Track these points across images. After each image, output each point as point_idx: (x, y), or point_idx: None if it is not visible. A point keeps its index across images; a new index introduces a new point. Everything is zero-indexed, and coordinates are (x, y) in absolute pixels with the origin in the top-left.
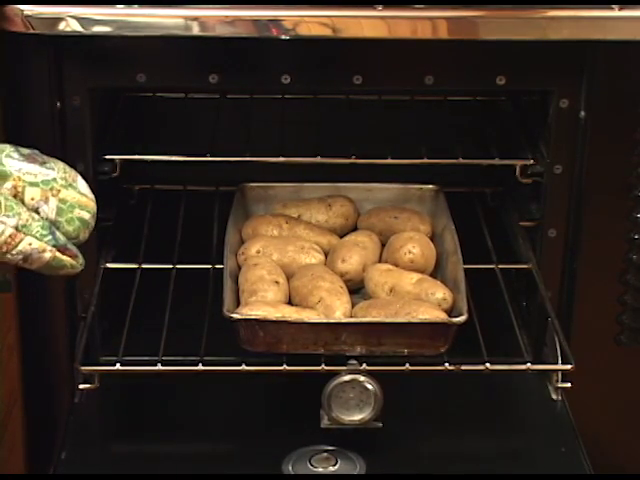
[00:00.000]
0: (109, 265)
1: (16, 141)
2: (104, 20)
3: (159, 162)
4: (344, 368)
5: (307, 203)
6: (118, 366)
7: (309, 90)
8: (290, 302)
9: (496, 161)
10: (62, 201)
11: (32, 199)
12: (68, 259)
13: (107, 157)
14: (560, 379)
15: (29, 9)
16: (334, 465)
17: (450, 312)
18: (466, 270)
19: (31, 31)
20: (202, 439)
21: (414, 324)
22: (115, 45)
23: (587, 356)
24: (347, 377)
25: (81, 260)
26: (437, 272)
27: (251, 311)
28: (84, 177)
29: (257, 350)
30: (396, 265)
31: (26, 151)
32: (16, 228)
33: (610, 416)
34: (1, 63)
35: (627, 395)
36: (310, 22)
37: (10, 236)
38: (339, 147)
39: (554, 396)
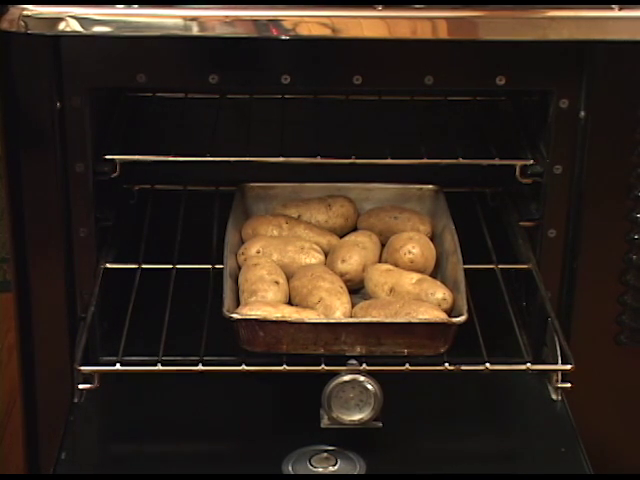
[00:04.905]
0: (109, 265)
1: (16, 141)
2: (104, 20)
3: (159, 162)
4: (344, 368)
5: (307, 203)
6: (118, 366)
7: (309, 90)
8: (290, 302)
9: (496, 161)
10: None
11: None
12: None
13: (107, 157)
14: (560, 379)
15: (29, 9)
16: (334, 465)
17: (450, 312)
18: (466, 270)
19: (31, 31)
20: (202, 439)
21: (414, 324)
22: (115, 45)
23: (587, 356)
24: (347, 377)
25: None
26: (437, 272)
27: (251, 311)
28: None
29: (257, 350)
30: (396, 265)
31: None
32: None
33: (610, 416)
34: (1, 63)
35: (627, 395)
36: (310, 22)
37: None
38: (339, 147)
39: (554, 396)
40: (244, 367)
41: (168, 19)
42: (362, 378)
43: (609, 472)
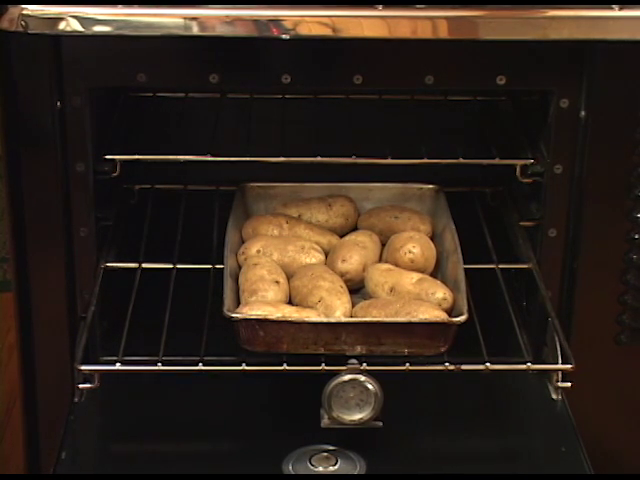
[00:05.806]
0: (109, 265)
1: (16, 141)
2: (104, 20)
3: (159, 162)
4: (344, 368)
5: (307, 203)
6: (118, 366)
7: (309, 90)
8: (290, 302)
9: (496, 161)
10: None
11: None
12: None
13: (107, 157)
14: (560, 379)
15: (29, 9)
16: (334, 465)
17: (450, 312)
18: (466, 270)
19: (31, 31)
20: (202, 439)
21: (414, 324)
22: (115, 45)
23: (587, 356)
24: (347, 377)
25: None
26: (437, 272)
27: (251, 311)
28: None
29: (257, 350)
30: (396, 265)
31: None
32: None
33: (610, 416)
34: (1, 63)
35: (627, 395)
36: (310, 22)
37: None
38: (339, 147)
39: (554, 396)
40: (244, 367)
41: (168, 19)
42: (362, 378)
43: (609, 472)
